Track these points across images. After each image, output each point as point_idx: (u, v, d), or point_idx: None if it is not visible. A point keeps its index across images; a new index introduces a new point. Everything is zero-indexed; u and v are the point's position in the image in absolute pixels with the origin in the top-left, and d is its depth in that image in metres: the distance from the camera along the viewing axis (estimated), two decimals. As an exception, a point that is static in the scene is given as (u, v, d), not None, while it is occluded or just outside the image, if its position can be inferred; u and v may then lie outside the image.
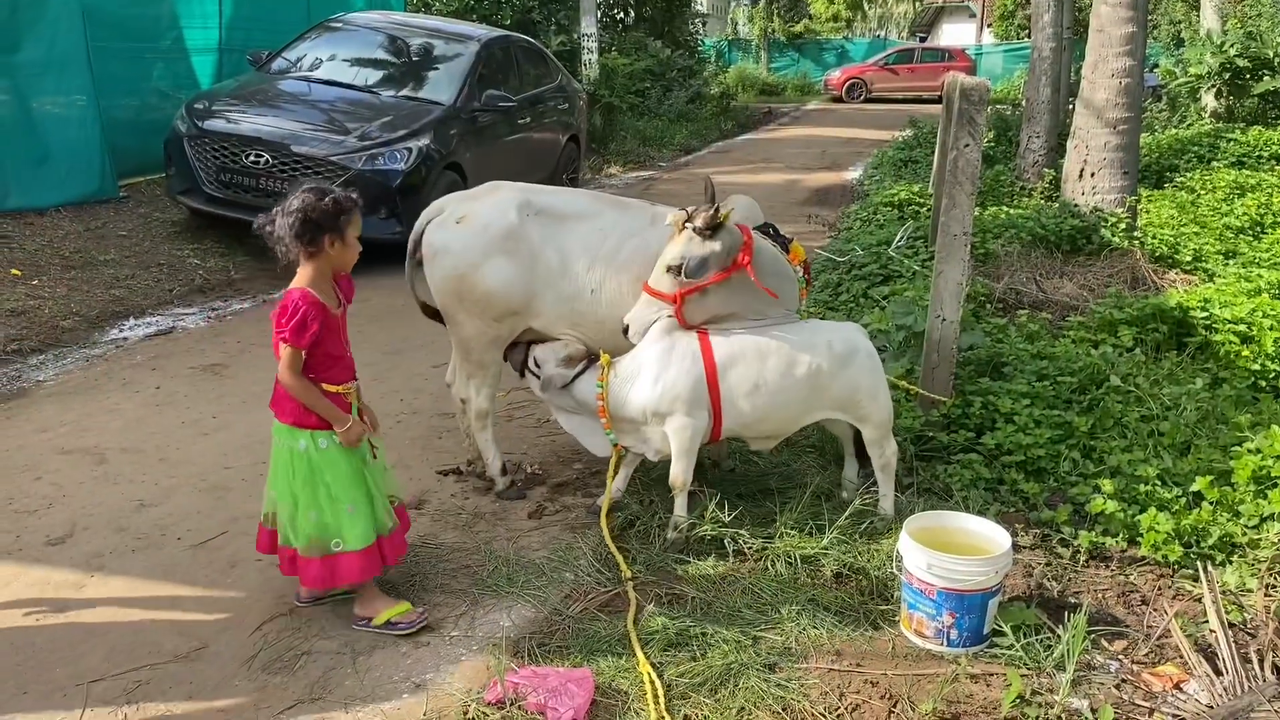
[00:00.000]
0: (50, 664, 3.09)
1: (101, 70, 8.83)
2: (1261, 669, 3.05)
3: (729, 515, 3.81)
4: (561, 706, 2.85)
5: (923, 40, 42.62)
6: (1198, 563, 3.63)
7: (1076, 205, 8.35)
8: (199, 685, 3.02)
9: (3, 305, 6.36)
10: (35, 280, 6.91)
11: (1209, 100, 14.50)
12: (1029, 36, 13.07)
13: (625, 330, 3.78)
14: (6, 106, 8.11)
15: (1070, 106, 11.26)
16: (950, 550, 3.23)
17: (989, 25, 38.90)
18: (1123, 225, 7.91)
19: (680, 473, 3.76)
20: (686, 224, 3.64)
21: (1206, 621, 3.32)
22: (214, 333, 6.42)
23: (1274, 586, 3.55)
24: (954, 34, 42.81)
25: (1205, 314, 5.75)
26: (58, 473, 4.35)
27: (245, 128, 7.73)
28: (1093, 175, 8.40)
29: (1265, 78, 13.84)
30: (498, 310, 3.96)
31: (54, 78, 8.47)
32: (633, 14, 22.78)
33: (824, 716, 2.93)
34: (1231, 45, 14.03)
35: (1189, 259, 7.69)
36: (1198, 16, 19.55)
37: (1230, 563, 3.68)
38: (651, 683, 2.98)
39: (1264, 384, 5.21)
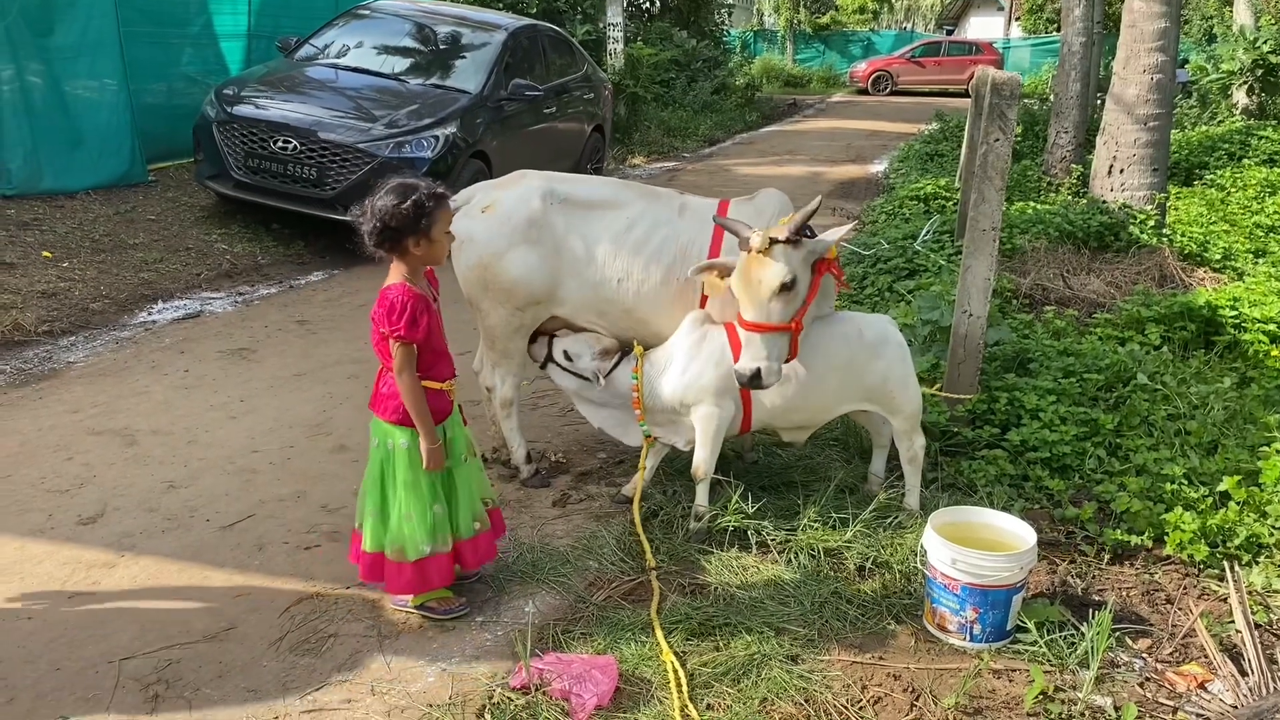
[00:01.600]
0: (82, 641, 3.13)
1: (132, 55, 8.91)
2: (1287, 670, 3.03)
3: (752, 507, 3.82)
4: (585, 693, 2.88)
5: (950, 33, 42.31)
6: (1224, 563, 3.62)
7: (1105, 201, 8.29)
8: (228, 665, 3.06)
9: (34, 287, 6.44)
10: (66, 263, 6.98)
11: (1240, 97, 14.34)
12: (1058, 30, 12.97)
13: (755, 379, 3.45)
14: (39, 90, 8.19)
15: (1099, 102, 11.16)
16: (975, 545, 3.23)
17: (1017, 19, 38.55)
18: (1151, 222, 7.85)
19: (702, 462, 3.77)
20: (774, 241, 3.41)
21: (1232, 622, 3.31)
22: (241, 317, 6.48)
23: (1301, 588, 3.53)
24: (982, 27, 42.42)
25: (1234, 313, 5.71)
26: (89, 453, 4.40)
27: (273, 114, 7.76)
28: (1122, 171, 8.34)
29: (1298, 74, 13.69)
30: (521, 299, 3.98)
31: (86, 62, 8.55)
32: (658, 4, 22.74)
33: (846, 708, 2.94)
34: (1265, 41, 13.86)
35: (1218, 257, 7.63)
36: (1230, 12, 19.32)
37: (1257, 563, 3.66)
38: (675, 671, 3.00)
39: (1293, 384, 5.17)
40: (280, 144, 7.58)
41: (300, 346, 5.92)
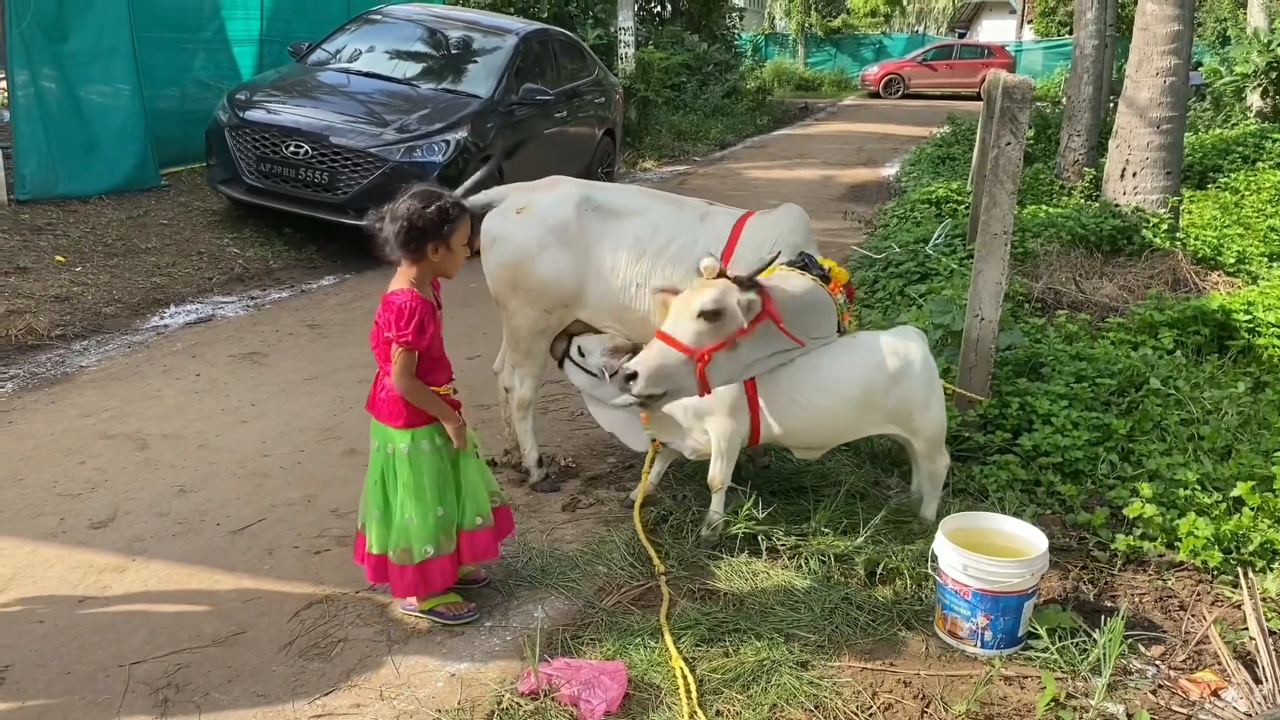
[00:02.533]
0: (93, 645, 3.14)
1: (145, 60, 8.99)
2: (1302, 678, 3.01)
3: (763, 513, 3.81)
4: (594, 698, 2.87)
5: (962, 36, 42.28)
6: (1237, 569, 3.59)
7: (1117, 205, 8.25)
8: (237, 669, 3.06)
9: (48, 291, 6.48)
10: (79, 267, 7.02)
11: (1254, 100, 14.25)
12: (1070, 33, 12.91)
13: (630, 378, 3.35)
14: (54, 96, 8.26)
15: (1112, 105, 11.11)
16: (986, 551, 3.21)
17: (1029, 22, 38.45)
18: (1164, 226, 7.81)
19: (719, 472, 3.74)
20: (722, 274, 3.40)
21: (1246, 629, 3.29)
22: (253, 321, 6.50)
23: (1316, 595, 3.50)
24: (994, 30, 42.39)
25: (1248, 317, 5.67)
26: (100, 457, 4.42)
27: (285, 119, 7.80)
28: (1134, 175, 8.29)
29: (1313, 77, 13.60)
30: (550, 301, 4.01)
31: (101, 67, 8.63)
32: (670, 7, 22.75)
33: (856, 715, 2.92)
34: (1278, 44, 13.78)
35: (1232, 261, 7.58)
36: (1244, 14, 19.23)
37: (1271, 569, 3.63)
38: (684, 677, 2.99)
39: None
40: (292, 148, 7.61)
41: (311, 351, 5.94)
